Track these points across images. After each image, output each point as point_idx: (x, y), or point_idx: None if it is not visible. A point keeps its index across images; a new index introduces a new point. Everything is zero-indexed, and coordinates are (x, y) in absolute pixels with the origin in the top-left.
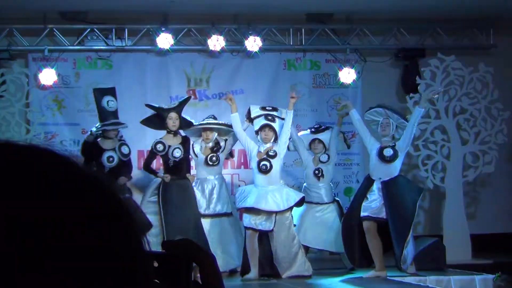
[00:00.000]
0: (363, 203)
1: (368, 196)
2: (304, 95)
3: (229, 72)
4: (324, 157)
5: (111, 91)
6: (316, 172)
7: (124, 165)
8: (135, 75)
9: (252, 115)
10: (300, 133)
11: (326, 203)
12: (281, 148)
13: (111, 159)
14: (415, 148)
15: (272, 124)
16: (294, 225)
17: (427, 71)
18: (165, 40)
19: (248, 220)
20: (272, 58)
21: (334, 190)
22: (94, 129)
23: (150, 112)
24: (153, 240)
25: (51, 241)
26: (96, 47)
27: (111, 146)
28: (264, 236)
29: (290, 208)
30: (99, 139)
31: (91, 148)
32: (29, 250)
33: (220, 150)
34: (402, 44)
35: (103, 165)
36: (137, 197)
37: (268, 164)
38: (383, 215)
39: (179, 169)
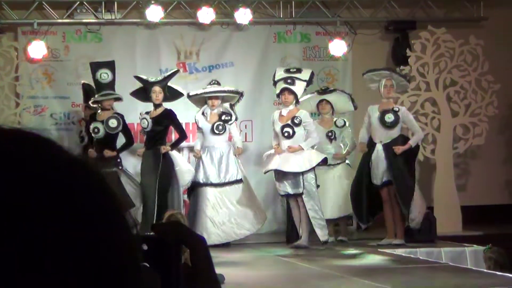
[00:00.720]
0: (372, 171)
1: (372, 159)
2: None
3: (219, 45)
4: (340, 122)
5: (107, 64)
6: (329, 134)
7: (111, 138)
8: (125, 48)
9: (276, 78)
10: (306, 96)
11: (336, 164)
12: (309, 126)
13: (96, 130)
14: None
15: (291, 87)
16: (318, 186)
17: (417, 43)
18: (154, 13)
19: (281, 188)
20: (262, 30)
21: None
22: (90, 102)
23: (139, 85)
24: None
25: (50, 239)
26: (86, 20)
27: (104, 118)
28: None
29: (313, 169)
30: (99, 111)
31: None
32: (28, 249)
33: (229, 122)
34: (393, 17)
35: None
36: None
37: (291, 131)
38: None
39: (151, 140)
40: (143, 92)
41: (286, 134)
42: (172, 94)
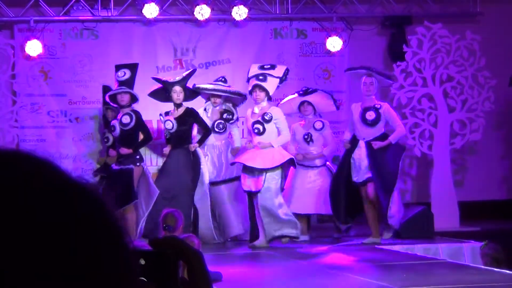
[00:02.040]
0: (352, 168)
1: (353, 157)
2: (290, 64)
3: (216, 41)
4: (318, 124)
5: (129, 65)
6: (305, 137)
7: (127, 135)
8: (121, 46)
9: (249, 75)
10: (287, 98)
11: (317, 167)
12: (280, 123)
13: (112, 128)
14: (402, 116)
15: (262, 84)
16: (283, 189)
17: (413, 39)
18: (151, 10)
19: (246, 183)
20: (258, 27)
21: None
22: (106, 97)
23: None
24: None
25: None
26: (82, 18)
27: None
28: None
29: (278, 167)
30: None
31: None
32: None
33: (231, 121)
34: (389, 12)
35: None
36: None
37: (261, 127)
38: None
39: (178, 140)
40: (161, 92)
41: (256, 131)
42: (191, 93)
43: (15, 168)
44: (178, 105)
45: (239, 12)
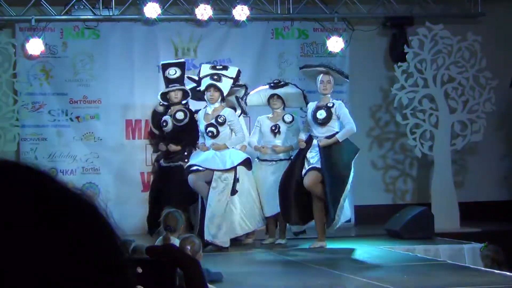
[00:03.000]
0: (304, 166)
1: (307, 156)
2: (291, 64)
3: (217, 41)
4: (288, 117)
5: (176, 64)
6: (273, 128)
7: (179, 131)
8: (123, 45)
9: (201, 75)
10: (258, 88)
11: (280, 160)
12: (234, 125)
13: (164, 123)
14: (403, 117)
15: (218, 84)
16: (236, 191)
17: (415, 39)
18: (152, 9)
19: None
20: (259, 27)
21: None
22: (158, 97)
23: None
24: None
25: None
26: (83, 17)
27: (173, 112)
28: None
29: (234, 168)
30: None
31: (155, 116)
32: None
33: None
34: (390, 13)
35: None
36: None
37: (215, 130)
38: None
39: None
40: (195, 91)
41: (210, 134)
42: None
43: (14, 179)
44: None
45: (240, 12)
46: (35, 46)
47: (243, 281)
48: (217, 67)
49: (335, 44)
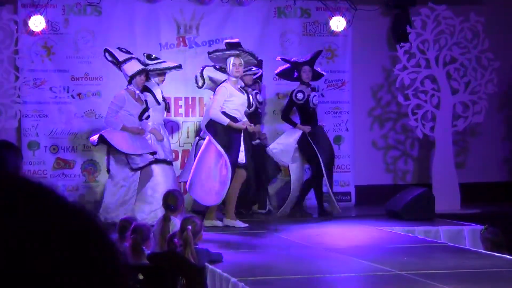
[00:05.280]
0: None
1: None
2: (294, 42)
3: (219, 19)
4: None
5: (238, 44)
6: None
7: (258, 112)
8: (125, 22)
9: (121, 59)
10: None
11: None
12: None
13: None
14: (405, 97)
15: (146, 68)
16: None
17: (417, 20)
18: None
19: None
20: (262, 5)
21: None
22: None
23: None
24: None
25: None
26: None
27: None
28: None
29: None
30: None
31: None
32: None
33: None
34: None
35: None
36: None
37: (149, 113)
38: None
39: (312, 117)
40: (289, 72)
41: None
42: (315, 74)
43: (15, 191)
44: (307, 84)
45: None
46: (37, 22)
47: (242, 262)
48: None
49: (337, 23)
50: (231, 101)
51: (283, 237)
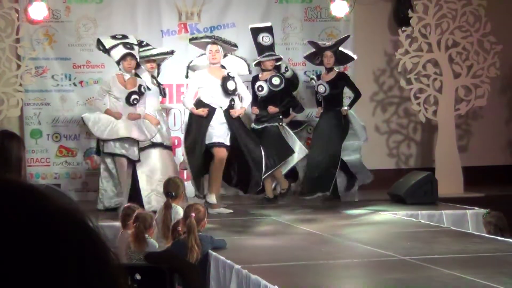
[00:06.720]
0: (209, 131)
1: (212, 123)
2: (295, 28)
3: (220, 5)
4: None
5: (266, 29)
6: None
7: (275, 95)
8: (126, 9)
9: (107, 46)
10: (200, 56)
11: None
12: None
13: (260, 88)
14: (407, 82)
15: (133, 52)
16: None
17: (419, 4)
18: None
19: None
20: None
21: None
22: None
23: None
24: None
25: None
26: None
27: (267, 77)
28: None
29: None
30: (260, 73)
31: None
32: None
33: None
34: None
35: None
36: None
37: (137, 97)
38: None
39: (329, 102)
40: (313, 56)
41: (134, 102)
42: (343, 58)
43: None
44: (329, 69)
45: None
46: (38, 10)
47: (245, 247)
48: (117, 36)
49: (339, 8)
50: (204, 88)
51: (286, 223)
